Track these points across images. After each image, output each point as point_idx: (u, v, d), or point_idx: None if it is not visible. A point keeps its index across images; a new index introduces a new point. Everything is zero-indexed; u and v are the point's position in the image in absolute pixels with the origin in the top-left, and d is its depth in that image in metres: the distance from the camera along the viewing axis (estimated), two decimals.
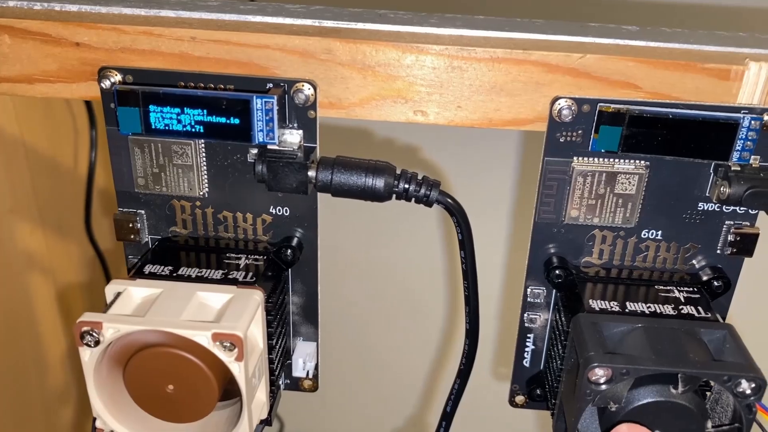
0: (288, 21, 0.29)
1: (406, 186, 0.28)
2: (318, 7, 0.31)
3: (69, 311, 0.66)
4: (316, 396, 0.35)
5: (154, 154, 0.29)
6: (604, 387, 0.25)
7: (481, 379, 0.34)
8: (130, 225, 0.31)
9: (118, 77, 0.28)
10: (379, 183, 0.28)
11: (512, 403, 0.35)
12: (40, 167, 0.60)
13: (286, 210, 0.31)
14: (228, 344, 0.26)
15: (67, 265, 0.65)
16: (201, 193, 0.31)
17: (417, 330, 0.76)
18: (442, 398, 0.33)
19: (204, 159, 0.30)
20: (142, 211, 0.31)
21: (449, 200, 0.28)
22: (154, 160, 0.30)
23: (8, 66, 0.29)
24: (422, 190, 0.28)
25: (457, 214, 0.28)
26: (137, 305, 0.28)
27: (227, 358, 0.26)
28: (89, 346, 0.26)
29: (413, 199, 0.28)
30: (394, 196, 0.28)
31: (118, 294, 0.28)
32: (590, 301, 0.29)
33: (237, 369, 0.26)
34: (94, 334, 0.26)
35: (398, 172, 0.28)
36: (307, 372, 0.34)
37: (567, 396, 0.28)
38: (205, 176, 0.30)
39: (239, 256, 0.31)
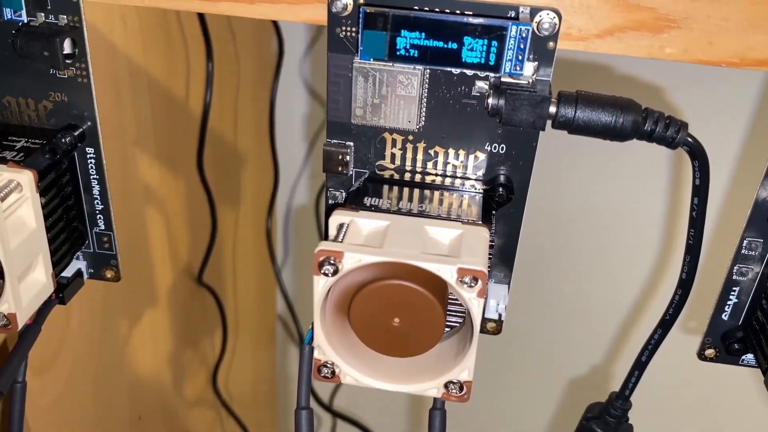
0: None
1: (654, 125, 0.27)
2: None
3: (176, 246, 0.67)
4: (498, 339, 0.35)
5: (378, 84, 0.28)
6: None
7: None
8: (340, 157, 0.30)
9: (348, 0, 0.27)
10: (627, 120, 0.26)
11: (701, 355, 0.34)
12: (159, 100, 0.59)
13: (502, 147, 0.30)
14: (470, 280, 0.25)
15: (175, 201, 0.65)
16: (417, 127, 0.30)
17: (614, 276, 0.76)
18: (630, 350, 0.33)
19: (427, 90, 0.29)
20: (351, 143, 0.30)
21: (696, 143, 0.27)
22: (377, 90, 0.29)
23: None
24: (669, 131, 0.27)
25: (700, 158, 0.27)
26: (366, 236, 0.28)
27: (468, 294, 0.26)
28: (326, 275, 0.26)
29: (656, 139, 0.27)
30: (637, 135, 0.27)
31: (343, 224, 0.28)
32: None
33: (476, 305, 0.26)
34: (333, 263, 0.26)
35: (643, 109, 0.27)
36: (499, 315, 0.33)
37: None
38: (424, 108, 0.29)
39: (452, 193, 0.30)
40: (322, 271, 0.26)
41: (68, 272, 0.35)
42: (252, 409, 0.93)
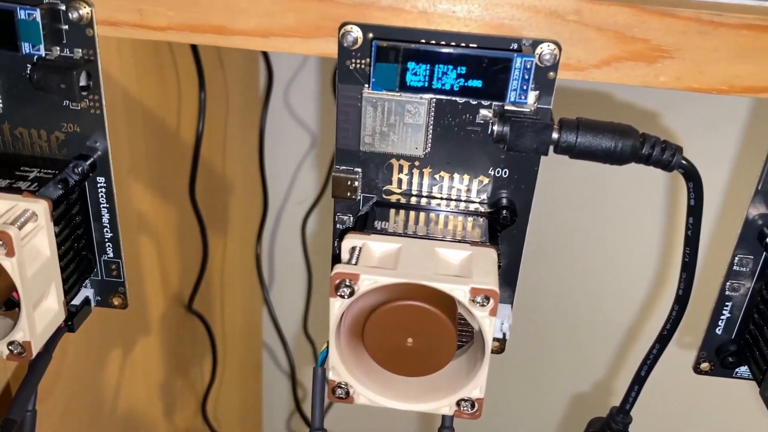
0: None
1: (651, 150, 0.28)
2: None
3: (167, 274, 0.67)
4: (501, 357, 0.36)
5: (387, 113, 0.30)
6: None
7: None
8: (348, 183, 0.31)
9: (359, 33, 0.28)
10: (626, 145, 0.28)
11: (696, 369, 0.35)
12: (153, 130, 0.60)
13: (505, 171, 0.31)
14: (482, 299, 0.26)
15: (167, 227, 0.66)
16: (423, 153, 0.31)
17: (610, 294, 0.79)
18: (630, 365, 0.34)
19: (433, 118, 0.30)
20: (359, 169, 0.31)
21: (690, 166, 0.28)
22: (386, 119, 0.30)
23: (245, 19, 0.29)
24: (665, 155, 0.28)
25: (694, 180, 0.29)
26: (379, 259, 0.28)
27: (481, 313, 0.27)
28: (342, 297, 0.27)
29: (653, 163, 0.28)
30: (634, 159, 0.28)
31: (355, 248, 0.29)
32: None
33: (488, 323, 0.27)
34: (350, 285, 0.27)
35: (640, 134, 0.28)
36: (503, 334, 0.34)
37: None
38: (431, 135, 0.30)
39: (457, 217, 0.31)
40: (339, 293, 0.27)
41: (77, 300, 0.35)
42: None
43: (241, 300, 0.88)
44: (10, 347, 0.30)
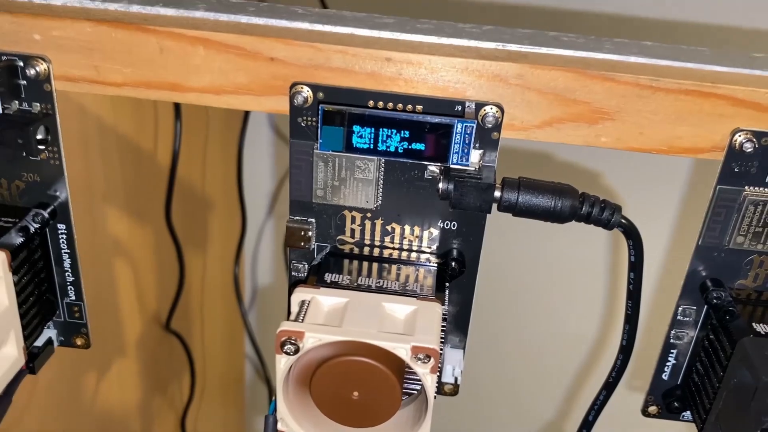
0: (473, 44, 0.30)
1: (590, 209, 0.29)
2: (489, 28, 0.32)
3: (143, 295, 0.68)
4: (453, 399, 0.37)
5: (338, 169, 0.30)
6: None
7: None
8: (302, 233, 0.32)
9: (309, 93, 0.29)
10: (565, 205, 0.29)
11: (644, 412, 0.36)
12: (128, 157, 0.61)
13: (454, 224, 0.32)
14: (423, 357, 0.27)
15: (143, 251, 0.66)
16: (375, 206, 0.32)
17: (560, 341, 0.81)
18: (580, 409, 0.35)
19: (382, 174, 0.31)
20: (313, 220, 0.32)
21: (629, 224, 0.29)
22: (336, 174, 0.31)
23: (198, 77, 0.30)
24: (605, 214, 0.29)
25: (634, 238, 0.29)
26: (326, 314, 0.29)
27: (422, 370, 0.27)
28: (288, 353, 0.28)
29: (593, 221, 0.29)
30: (574, 218, 0.29)
31: (305, 302, 0.29)
32: (753, 324, 0.30)
33: (429, 380, 0.28)
34: (295, 342, 0.27)
35: (580, 194, 0.29)
36: (455, 378, 0.35)
37: (727, 414, 0.30)
38: (381, 190, 0.31)
39: (408, 267, 0.32)
40: (284, 350, 0.27)
41: (39, 341, 0.36)
42: None
43: (221, 318, 0.89)
44: None
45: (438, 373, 0.28)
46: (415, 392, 0.32)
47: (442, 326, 0.32)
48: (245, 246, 0.86)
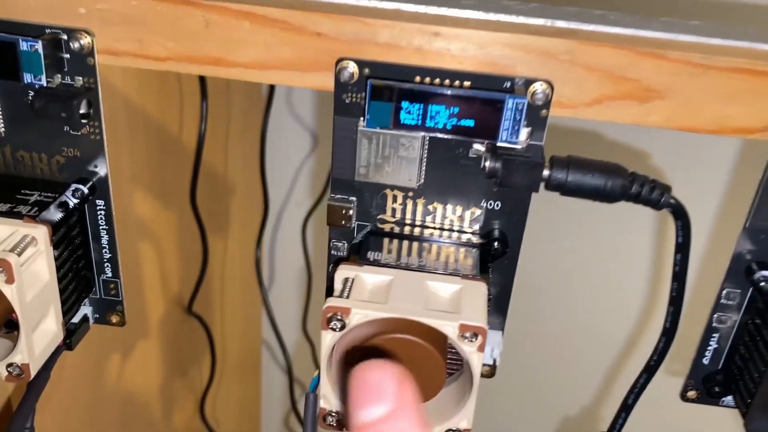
0: (521, 20, 0.29)
1: (640, 189, 0.28)
2: (535, 5, 0.31)
3: (167, 278, 0.68)
4: (491, 381, 0.36)
5: (381, 146, 0.30)
6: None
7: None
8: (343, 211, 0.32)
9: (355, 69, 0.29)
10: (615, 184, 0.28)
11: (683, 397, 0.36)
12: (153, 137, 0.60)
13: (497, 204, 0.31)
14: (470, 335, 0.27)
15: (168, 234, 0.66)
16: (417, 184, 0.31)
17: (602, 323, 0.80)
18: (619, 393, 0.34)
19: (427, 152, 0.30)
20: (354, 198, 0.32)
21: (678, 205, 0.29)
22: (380, 152, 0.30)
23: (243, 51, 0.30)
24: (654, 194, 0.29)
25: (682, 218, 0.29)
26: (370, 291, 0.29)
27: (469, 348, 0.27)
28: (334, 330, 0.27)
29: (642, 201, 0.29)
30: (624, 197, 0.29)
31: (348, 279, 0.29)
32: None
33: (476, 359, 0.27)
34: (341, 318, 0.27)
35: (630, 173, 0.29)
36: (494, 360, 0.35)
37: None
38: (424, 168, 0.31)
39: (449, 247, 0.32)
40: (330, 326, 0.27)
41: (75, 318, 0.36)
42: None
43: (241, 302, 0.89)
44: (9, 369, 0.30)
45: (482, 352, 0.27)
46: (455, 370, 0.32)
47: None
48: (267, 229, 0.86)
